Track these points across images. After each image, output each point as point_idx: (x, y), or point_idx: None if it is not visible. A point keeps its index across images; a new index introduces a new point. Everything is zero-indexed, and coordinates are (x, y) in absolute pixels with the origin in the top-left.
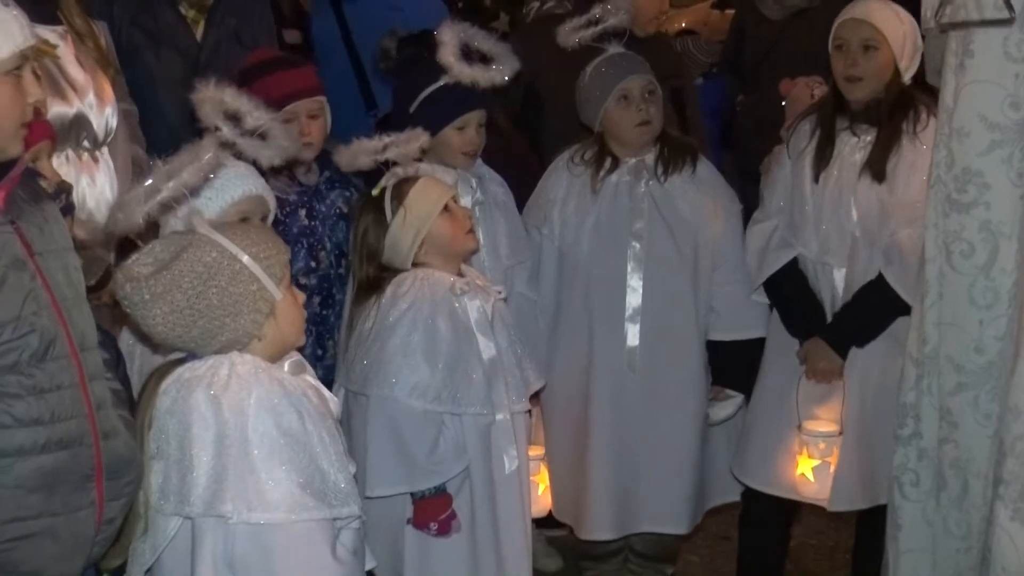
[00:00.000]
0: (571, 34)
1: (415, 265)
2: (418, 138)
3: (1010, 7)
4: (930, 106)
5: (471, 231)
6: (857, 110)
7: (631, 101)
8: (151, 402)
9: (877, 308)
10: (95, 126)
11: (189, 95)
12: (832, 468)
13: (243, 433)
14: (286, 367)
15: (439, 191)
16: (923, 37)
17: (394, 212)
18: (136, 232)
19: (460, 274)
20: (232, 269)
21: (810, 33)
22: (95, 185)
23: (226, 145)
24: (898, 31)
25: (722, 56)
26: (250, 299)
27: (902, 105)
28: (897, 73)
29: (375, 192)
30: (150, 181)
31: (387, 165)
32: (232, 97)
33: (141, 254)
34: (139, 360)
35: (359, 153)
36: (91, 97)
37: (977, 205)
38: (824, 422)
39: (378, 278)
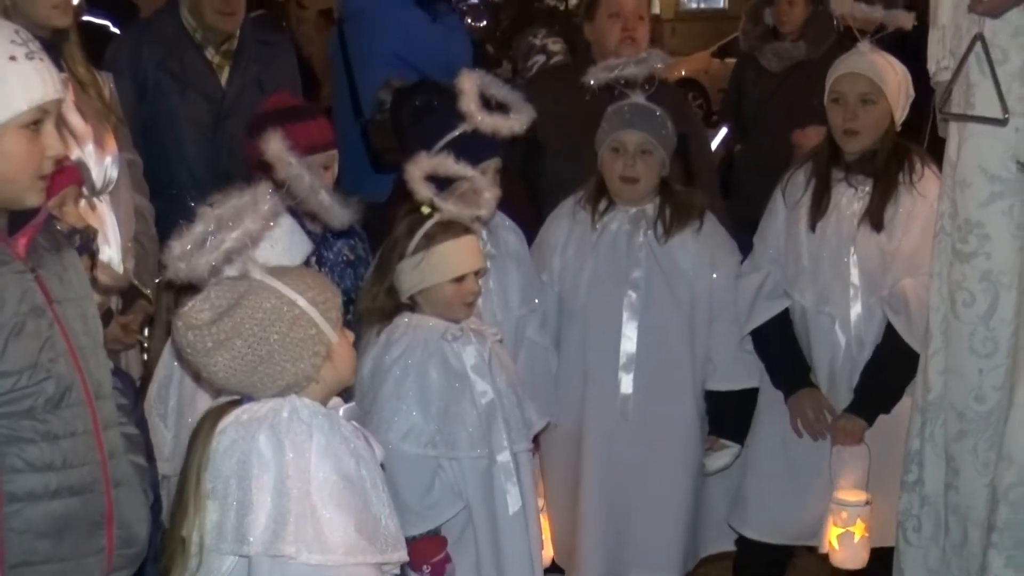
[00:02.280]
0: (599, 73)
1: (412, 301)
2: (486, 196)
3: (1005, 107)
4: (923, 156)
5: (470, 304)
6: (852, 161)
7: (621, 154)
8: (207, 442)
9: (896, 367)
10: (94, 174)
11: (213, 138)
12: (857, 538)
13: (305, 475)
14: (341, 412)
15: (466, 264)
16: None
17: (416, 249)
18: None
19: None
20: (292, 314)
21: (808, 85)
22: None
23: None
24: (894, 82)
25: (722, 105)
26: (309, 343)
27: (897, 155)
28: (892, 124)
29: (424, 212)
30: (210, 229)
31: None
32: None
33: (197, 301)
34: (178, 375)
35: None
36: (91, 146)
37: (978, 255)
38: (851, 491)
39: (382, 308)
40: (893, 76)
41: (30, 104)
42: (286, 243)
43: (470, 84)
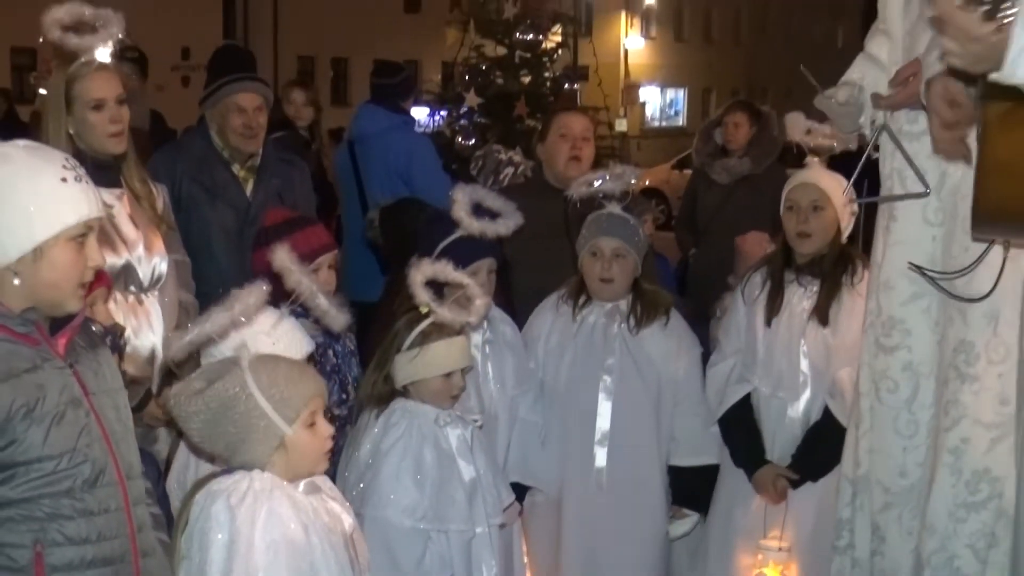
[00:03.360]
0: (579, 187)
1: (405, 389)
2: (477, 303)
3: (925, 183)
4: (864, 260)
5: (455, 397)
6: (803, 264)
7: (599, 258)
8: (187, 509)
9: (830, 444)
10: (141, 274)
11: (239, 242)
12: None
13: (250, 540)
14: (300, 486)
15: (455, 362)
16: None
17: (412, 344)
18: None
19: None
20: (247, 405)
21: (753, 196)
22: (139, 325)
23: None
24: (839, 194)
25: (679, 213)
26: (261, 432)
27: (842, 259)
28: (839, 232)
29: (424, 311)
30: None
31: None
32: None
33: (197, 373)
34: (195, 461)
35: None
36: (140, 250)
37: (900, 348)
38: (772, 540)
39: (380, 394)
40: (839, 189)
41: (78, 219)
42: (287, 341)
43: (462, 195)
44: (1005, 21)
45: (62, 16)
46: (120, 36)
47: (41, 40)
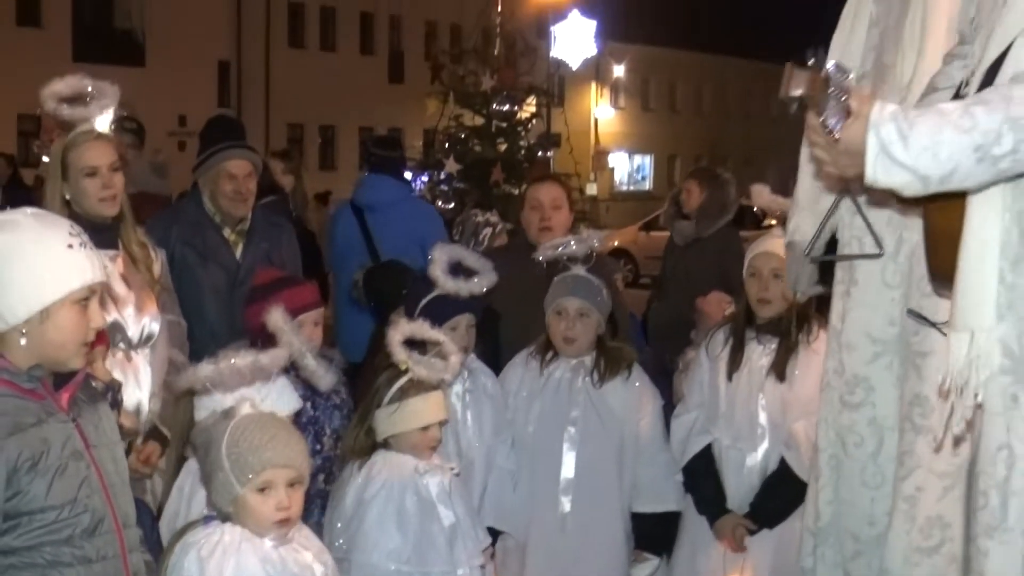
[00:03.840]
0: (546, 251)
1: (386, 441)
2: (452, 360)
3: (880, 245)
4: (819, 319)
5: (433, 448)
6: (763, 323)
7: (563, 317)
8: (168, 557)
9: (785, 493)
10: (130, 332)
11: (229, 301)
12: None
13: None
14: (267, 541)
15: (432, 416)
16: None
17: (391, 400)
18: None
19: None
20: (215, 454)
21: (699, 257)
22: (126, 380)
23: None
24: None
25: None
26: (218, 482)
27: (799, 319)
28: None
29: (403, 367)
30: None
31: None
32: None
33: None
34: (184, 510)
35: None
36: (130, 309)
37: (865, 405)
38: None
39: (362, 446)
40: None
41: (83, 284)
42: (275, 397)
43: (440, 255)
44: (837, 136)
45: (61, 89)
46: (114, 107)
47: (38, 111)
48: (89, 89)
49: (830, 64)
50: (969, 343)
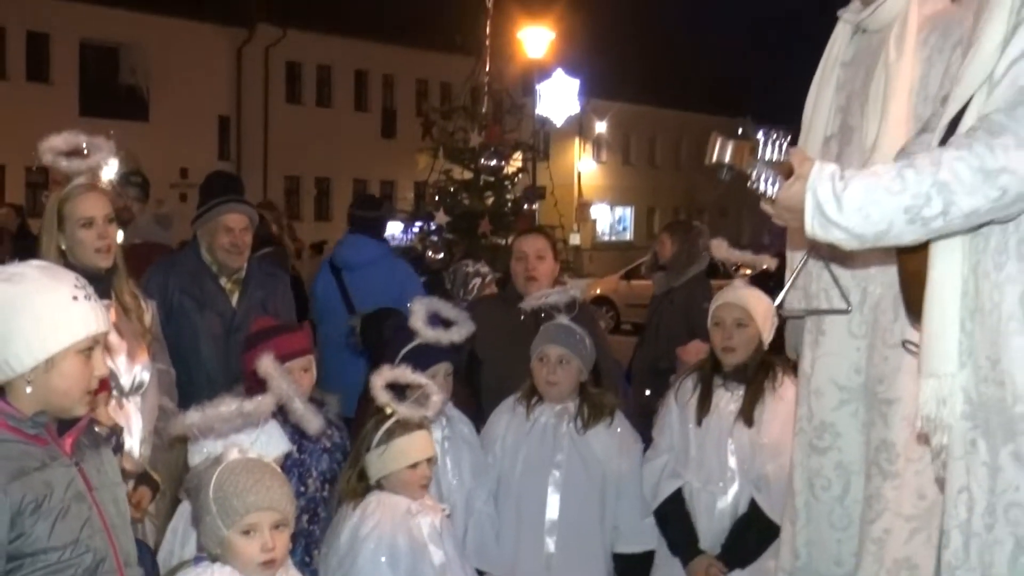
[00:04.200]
0: (531, 301)
1: (379, 483)
2: (434, 399)
3: (847, 301)
4: (784, 366)
5: (424, 486)
6: (729, 371)
7: (545, 363)
8: None
9: (757, 534)
10: (122, 380)
11: (225, 347)
12: None
13: None
14: None
15: (418, 454)
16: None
17: (379, 442)
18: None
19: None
20: (204, 497)
21: (673, 306)
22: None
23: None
24: (761, 311)
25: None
26: (206, 524)
27: (764, 367)
28: (761, 343)
29: (388, 412)
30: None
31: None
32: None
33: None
34: (178, 551)
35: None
36: (122, 357)
37: (832, 449)
38: None
39: (355, 489)
40: (760, 306)
41: (87, 334)
42: (264, 441)
43: (419, 307)
44: (768, 195)
45: (58, 143)
46: (113, 159)
47: (35, 165)
48: (83, 144)
49: (760, 133)
50: (936, 388)
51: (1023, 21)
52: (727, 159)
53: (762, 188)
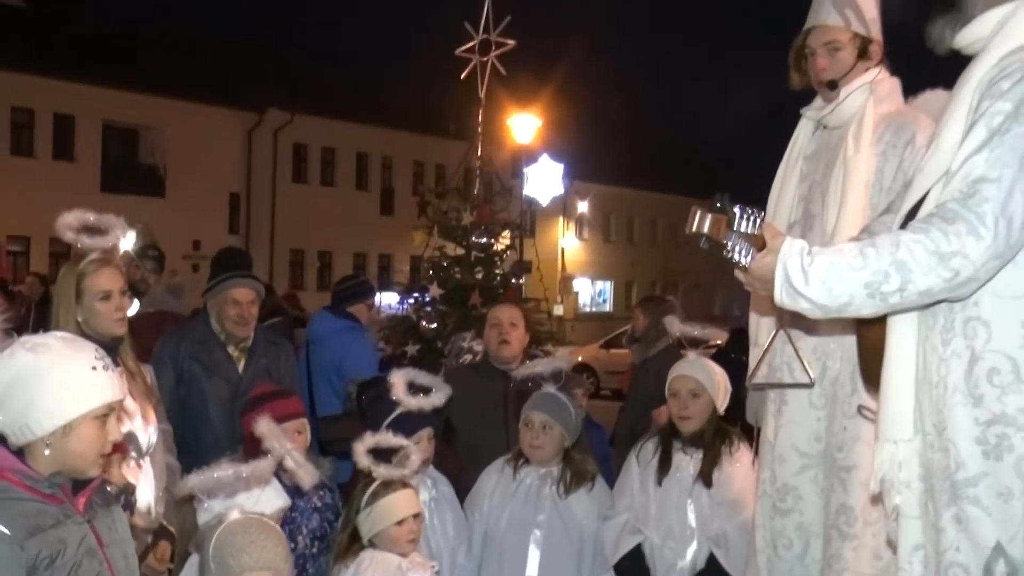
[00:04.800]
0: (521, 370)
1: (371, 542)
2: (413, 459)
3: (809, 375)
4: (738, 434)
5: (412, 540)
6: (687, 436)
7: (530, 428)
8: None
9: None
10: (141, 441)
11: (231, 411)
12: None
13: None
14: None
15: (403, 510)
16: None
17: (367, 503)
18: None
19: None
20: (206, 557)
21: (646, 375)
22: (141, 484)
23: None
24: (715, 381)
25: None
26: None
27: (720, 433)
28: (715, 411)
29: (375, 476)
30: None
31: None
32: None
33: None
34: None
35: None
36: (139, 419)
37: (793, 511)
38: None
39: (348, 549)
40: (714, 376)
41: (103, 402)
42: (265, 497)
43: (398, 378)
44: (741, 264)
45: (71, 221)
46: (126, 235)
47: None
48: (95, 221)
49: (736, 208)
50: (892, 452)
51: (979, 120)
52: (705, 230)
53: (736, 258)
